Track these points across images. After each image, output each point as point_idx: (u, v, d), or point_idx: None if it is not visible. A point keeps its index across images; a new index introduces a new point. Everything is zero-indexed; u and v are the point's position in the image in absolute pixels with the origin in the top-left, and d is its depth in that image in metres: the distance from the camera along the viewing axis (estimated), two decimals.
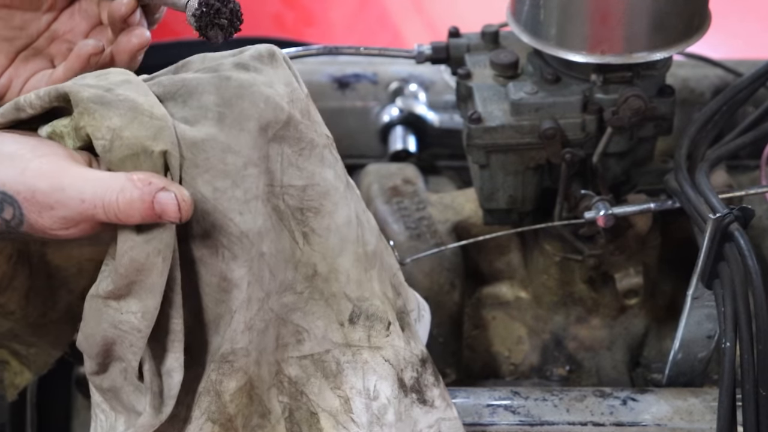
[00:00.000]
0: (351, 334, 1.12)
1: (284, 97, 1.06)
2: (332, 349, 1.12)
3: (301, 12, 2.76)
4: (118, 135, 1.00)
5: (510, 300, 1.46)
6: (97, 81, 1.03)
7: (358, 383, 1.12)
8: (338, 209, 1.10)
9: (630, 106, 1.30)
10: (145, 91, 1.03)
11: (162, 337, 1.05)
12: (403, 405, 1.14)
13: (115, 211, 0.98)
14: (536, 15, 1.29)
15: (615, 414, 1.25)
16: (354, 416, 1.11)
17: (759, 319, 1.13)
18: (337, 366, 1.12)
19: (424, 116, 1.66)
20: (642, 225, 1.39)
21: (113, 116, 1.00)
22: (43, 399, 1.53)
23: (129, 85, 1.03)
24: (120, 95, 1.01)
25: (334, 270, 1.11)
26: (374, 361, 1.13)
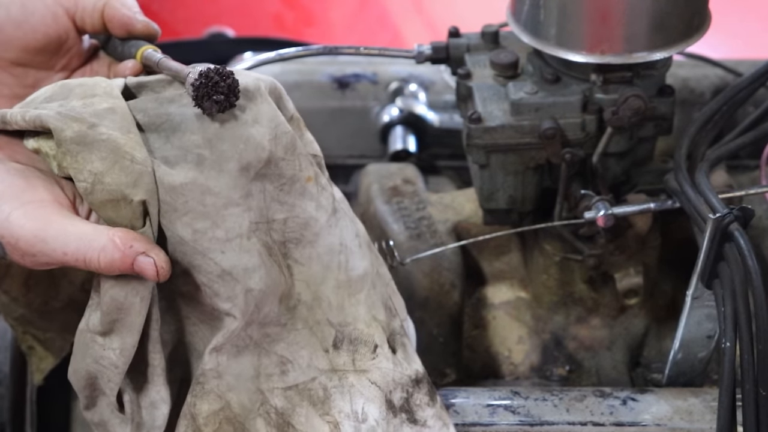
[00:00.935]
0: (336, 359, 1.14)
1: (266, 135, 1.07)
2: (318, 376, 1.13)
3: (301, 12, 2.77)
4: (99, 180, 1.02)
5: (510, 300, 1.46)
6: (81, 109, 1.05)
7: (346, 407, 1.13)
8: (319, 239, 1.12)
9: (630, 106, 1.30)
10: (128, 125, 1.05)
11: (144, 370, 1.08)
12: (392, 426, 1.15)
13: (96, 267, 1.02)
14: (536, 15, 1.29)
15: (615, 414, 1.25)
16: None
17: (759, 319, 1.13)
18: (325, 392, 1.13)
19: (424, 116, 1.66)
20: (642, 225, 1.39)
21: (95, 159, 1.03)
22: (43, 399, 1.53)
23: (113, 116, 1.05)
24: (102, 134, 1.03)
25: (317, 298, 1.13)
26: (360, 384, 1.14)
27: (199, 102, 1.05)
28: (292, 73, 1.66)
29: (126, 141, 1.04)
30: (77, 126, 1.03)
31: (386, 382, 1.15)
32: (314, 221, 1.11)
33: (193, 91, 1.06)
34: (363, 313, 1.15)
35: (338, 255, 1.13)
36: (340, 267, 1.14)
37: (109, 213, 1.03)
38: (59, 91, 1.08)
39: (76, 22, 1.19)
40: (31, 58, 1.18)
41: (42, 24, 1.17)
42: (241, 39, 2.04)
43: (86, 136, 1.03)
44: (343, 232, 1.14)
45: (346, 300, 1.14)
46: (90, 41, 1.23)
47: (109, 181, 1.02)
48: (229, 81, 1.05)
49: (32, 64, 1.19)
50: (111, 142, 1.03)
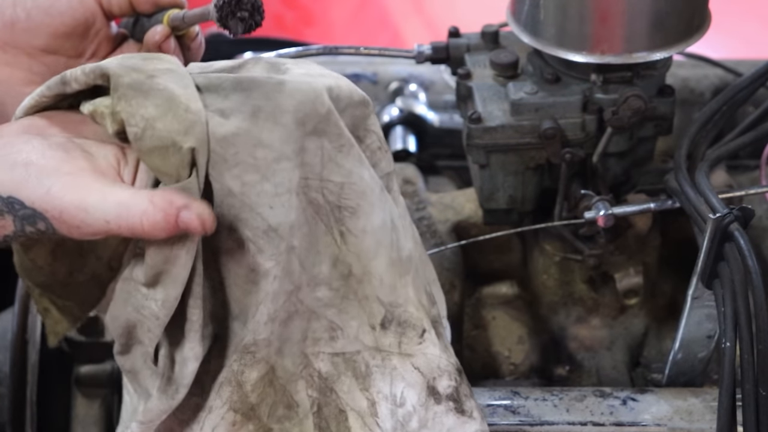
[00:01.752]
0: (382, 338, 1.12)
1: (332, 90, 1.07)
2: (363, 350, 1.12)
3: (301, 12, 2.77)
4: (151, 125, 1.01)
5: (510, 300, 1.46)
6: (142, 64, 1.05)
7: (385, 388, 1.12)
8: (374, 211, 1.10)
9: (630, 106, 1.30)
10: (187, 83, 1.04)
11: (182, 325, 1.06)
12: (432, 412, 1.13)
13: (140, 232, 1.00)
14: (536, 15, 1.29)
15: (615, 414, 1.25)
16: (379, 420, 1.11)
17: (759, 319, 1.13)
18: (366, 368, 1.12)
19: (424, 116, 1.66)
20: (642, 225, 1.39)
21: (149, 105, 1.01)
22: (43, 399, 1.54)
23: (172, 74, 1.04)
24: (159, 84, 1.02)
25: (367, 273, 1.10)
26: (403, 367, 1.12)
27: (224, 22, 1.06)
28: None
29: (182, 93, 1.03)
30: (136, 75, 1.03)
31: (430, 369, 1.13)
32: (370, 192, 1.09)
33: (217, 11, 1.06)
34: (412, 296, 1.13)
35: (390, 232, 1.11)
36: (392, 245, 1.12)
37: (156, 161, 1.01)
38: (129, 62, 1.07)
39: (102, 4, 1.20)
40: (61, 44, 1.19)
41: (69, 8, 1.17)
42: (241, 39, 2.03)
43: (143, 83, 1.02)
44: (392, 209, 1.13)
45: (397, 280, 1.12)
46: (118, 30, 1.23)
47: (160, 126, 1.01)
48: (252, 0, 1.06)
49: (62, 51, 1.19)
50: (167, 91, 1.02)
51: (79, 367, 1.55)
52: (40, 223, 1.03)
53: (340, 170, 1.08)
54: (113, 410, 1.56)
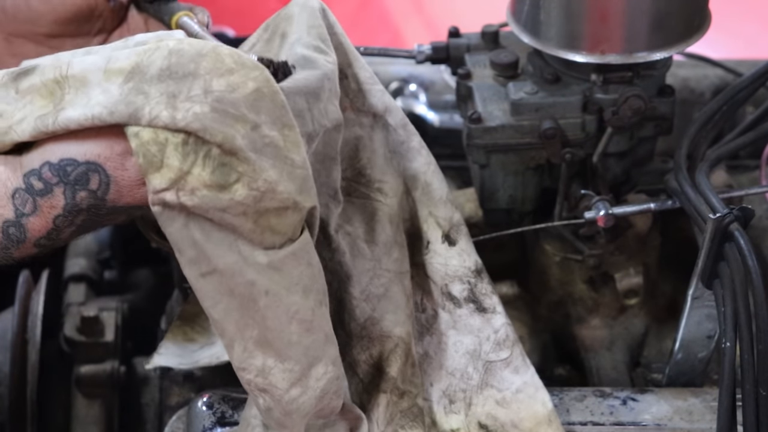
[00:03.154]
0: (403, 253, 1.21)
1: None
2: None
3: None
4: (273, 189, 1.01)
5: (510, 300, 1.46)
6: (228, 91, 1.00)
7: (414, 297, 1.21)
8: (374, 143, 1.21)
9: (630, 106, 1.30)
10: (280, 113, 1.02)
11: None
12: (456, 315, 1.22)
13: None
14: (536, 15, 1.29)
15: (615, 414, 1.25)
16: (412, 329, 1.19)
17: (759, 319, 1.13)
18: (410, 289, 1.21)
19: (424, 116, 1.66)
20: (642, 225, 1.39)
21: (268, 168, 1.01)
22: (43, 399, 1.54)
23: (264, 103, 1.01)
24: (266, 138, 1.01)
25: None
26: (419, 276, 1.22)
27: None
28: None
29: (284, 142, 1.02)
30: (242, 128, 1.00)
31: (441, 276, 1.22)
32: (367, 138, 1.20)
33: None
34: (418, 209, 1.21)
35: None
36: (396, 170, 1.20)
37: (272, 220, 1.02)
38: (179, 63, 1.01)
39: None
40: (65, 29, 1.18)
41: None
42: (241, 39, 2.03)
43: (256, 141, 1.00)
44: (388, 138, 1.21)
45: (402, 198, 1.20)
46: (115, 2, 1.22)
47: (282, 189, 1.01)
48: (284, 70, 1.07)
49: (67, 34, 1.19)
50: (274, 146, 1.01)
51: (79, 367, 1.55)
52: (93, 179, 1.01)
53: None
54: (113, 410, 1.56)
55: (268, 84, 1.01)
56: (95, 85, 1.02)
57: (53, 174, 1.02)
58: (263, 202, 1.01)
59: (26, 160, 1.04)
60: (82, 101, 1.02)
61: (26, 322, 1.55)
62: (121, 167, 1.02)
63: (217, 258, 1.02)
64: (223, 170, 1.00)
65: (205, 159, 1.00)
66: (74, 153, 1.02)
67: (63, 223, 1.04)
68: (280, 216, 1.02)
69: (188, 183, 1.00)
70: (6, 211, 1.03)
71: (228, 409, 1.21)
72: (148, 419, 1.56)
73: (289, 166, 1.01)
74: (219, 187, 1.00)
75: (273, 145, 1.01)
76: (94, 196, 1.02)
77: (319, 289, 1.06)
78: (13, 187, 1.03)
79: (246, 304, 1.03)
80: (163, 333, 1.48)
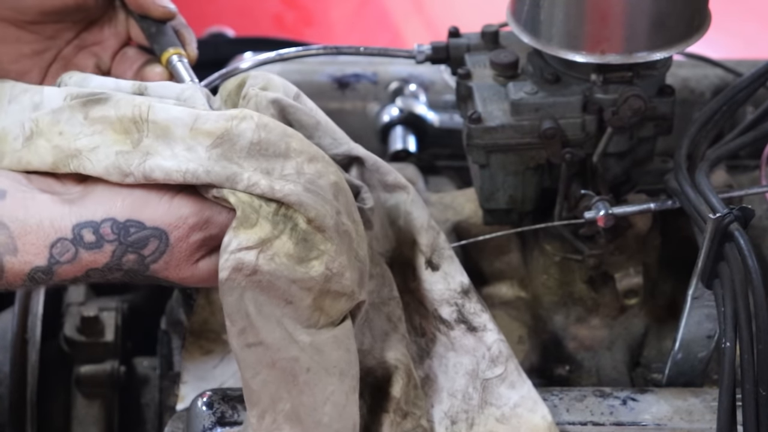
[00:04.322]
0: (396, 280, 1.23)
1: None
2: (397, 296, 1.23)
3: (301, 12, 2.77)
4: (342, 273, 1.05)
5: (510, 300, 1.46)
6: (316, 176, 1.05)
7: (411, 322, 1.22)
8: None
9: (630, 106, 1.30)
10: (351, 208, 1.08)
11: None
12: (452, 337, 1.22)
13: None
14: (536, 15, 1.29)
15: (615, 414, 1.25)
16: (410, 352, 1.19)
17: (759, 319, 1.13)
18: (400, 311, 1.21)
19: (424, 116, 1.66)
20: (642, 225, 1.39)
21: (344, 252, 1.05)
22: (43, 399, 1.53)
23: (342, 196, 1.07)
24: (344, 225, 1.06)
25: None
26: (413, 302, 1.23)
27: None
28: (292, 73, 1.66)
29: (355, 234, 1.07)
30: (331, 210, 1.04)
31: (429, 301, 1.22)
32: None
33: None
34: (403, 239, 1.22)
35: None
36: (375, 204, 1.19)
37: (327, 302, 1.05)
38: (269, 140, 1.05)
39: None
40: (49, 18, 1.18)
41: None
42: (241, 39, 2.04)
43: (339, 225, 1.05)
44: (363, 175, 1.21)
45: (387, 229, 1.21)
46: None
47: (348, 276, 1.05)
48: None
49: (50, 21, 1.18)
50: (348, 234, 1.06)
51: (79, 367, 1.55)
52: (151, 243, 1.02)
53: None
54: (113, 410, 1.56)
55: (342, 180, 1.08)
56: (179, 140, 1.03)
57: (113, 231, 1.01)
58: (331, 283, 1.05)
59: (82, 208, 1.02)
60: (165, 152, 1.03)
61: (26, 322, 1.55)
62: (185, 238, 1.03)
63: (266, 332, 1.05)
64: (306, 245, 1.04)
65: (292, 231, 1.04)
66: (145, 216, 1.01)
67: (95, 275, 1.03)
68: (336, 300, 1.05)
69: (273, 247, 1.03)
70: (39, 259, 1.00)
71: (228, 409, 1.21)
72: (148, 419, 1.56)
73: (354, 257, 1.06)
74: (299, 259, 1.04)
75: (348, 234, 1.06)
76: (141, 261, 1.03)
77: (354, 375, 1.08)
78: (57, 236, 1.01)
79: (285, 378, 1.06)
80: (164, 333, 1.48)
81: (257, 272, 1.03)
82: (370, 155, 1.20)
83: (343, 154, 1.17)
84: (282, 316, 1.05)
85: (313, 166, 1.05)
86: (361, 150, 1.19)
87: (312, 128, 1.15)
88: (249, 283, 1.03)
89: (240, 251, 1.03)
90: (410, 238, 1.23)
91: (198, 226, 1.03)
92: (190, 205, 1.03)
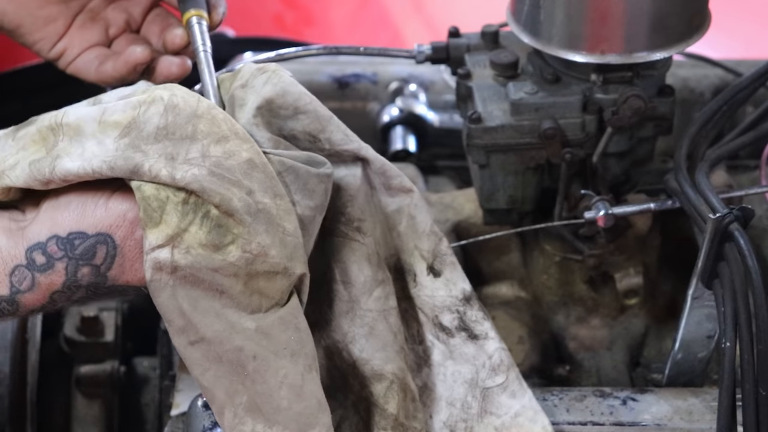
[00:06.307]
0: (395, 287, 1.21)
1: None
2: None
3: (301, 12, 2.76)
4: (265, 252, 1.03)
5: (510, 300, 1.46)
6: (224, 158, 1.03)
7: (409, 330, 1.21)
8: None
9: (630, 106, 1.30)
10: (272, 184, 1.05)
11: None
12: (451, 346, 1.21)
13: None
14: (536, 15, 1.29)
15: (615, 414, 1.25)
16: (407, 362, 1.18)
17: (759, 319, 1.13)
18: (399, 321, 1.20)
19: (424, 116, 1.66)
20: (642, 225, 1.39)
21: (261, 232, 1.03)
22: (43, 399, 1.54)
23: (257, 174, 1.04)
24: (259, 203, 1.04)
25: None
26: (412, 309, 1.22)
27: None
28: (292, 73, 1.66)
29: (276, 210, 1.04)
30: (239, 192, 1.03)
31: (430, 308, 1.21)
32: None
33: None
34: (403, 244, 1.21)
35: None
36: (377, 208, 1.19)
37: (261, 283, 1.04)
38: (176, 123, 1.04)
39: None
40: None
41: None
42: (241, 39, 2.04)
43: (250, 206, 1.03)
44: (369, 178, 1.20)
45: (387, 234, 1.20)
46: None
47: (273, 254, 1.03)
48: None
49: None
50: (266, 212, 1.04)
51: (79, 367, 1.55)
52: (99, 251, 1.02)
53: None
54: (113, 410, 1.56)
55: (259, 155, 1.05)
56: (89, 136, 1.03)
57: (59, 248, 1.02)
58: (255, 265, 1.03)
59: (31, 232, 1.03)
60: (76, 151, 1.03)
61: (26, 322, 1.55)
62: (130, 235, 1.03)
63: (205, 326, 1.04)
64: (219, 231, 1.02)
65: (203, 219, 1.03)
66: (85, 225, 1.02)
67: (60, 298, 1.04)
68: (269, 280, 1.04)
69: (184, 241, 1.02)
70: (1, 288, 1.02)
71: None
72: (148, 419, 1.56)
73: (281, 233, 1.04)
74: (213, 247, 1.02)
75: (266, 212, 1.04)
76: (97, 272, 1.03)
77: (308, 353, 1.06)
78: (13, 264, 1.02)
79: (235, 369, 1.05)
80: (164, 333, 1.48)
81: (177, 268, 1.02)
82: (378, 157, 1.20)
83: (352, 151, 1.17)
84: (221, 308, 1.04)
85: (220, 147, 1.03)
86: (370, 151, 1.19)
87: (326, 121, 1.15)
88: (175, 280, 1.03)
89: (153, 251, 1.02)
90: (411, 243, 1.22)
91: (138, 219, 1.03)
92: (126, 200, 1.03)
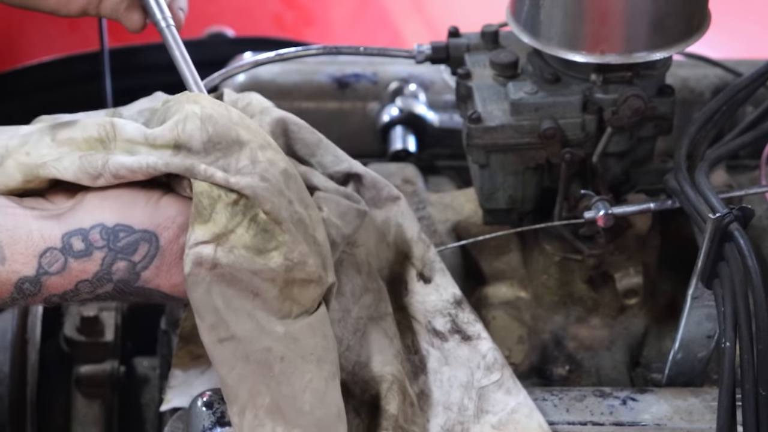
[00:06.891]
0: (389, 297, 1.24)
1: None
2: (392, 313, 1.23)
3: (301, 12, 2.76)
4: (304, 261, 1.05)
5: (510, 300, 1.46)
6: (269, 165, 1.06)
7: (404, 341, 1.22)
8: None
9: (630, 105, 1.30)
10: (302, 193, 1.08)
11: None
12: (445, 350, 1.22)
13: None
14: (536, 15, 1.29)
15: (615, 414, 1.25)
16: (404, 370, 1.19)
17: (759, 319, 1.13)
18: (395, 328, 1.22)
19: (424, 116, 1.66)
20: (642, 225, 1.39)
21: (302, 241, 1.06)
22: (43, 399, 1.54)
23: (292, 183, 1.07)
24: (297, 213, 1.07)
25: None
26: (405, 320, 1.24)
27: None
28: (292, 73, 1.66)
29: (310, 220, 1.07)
30: (284, 202, 1.05)
31: (423, 313, 1.23)
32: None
33: None
34: (393, 254, 1.23)
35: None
36: (370, 220, 1.21)
37: (295, 290, 1.05)
38: (218, 132, 1.06)
39: None
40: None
41: None
42: (241, 39, 2.04)
43: (293, 215, 1.06)
44: (359, 190, 1.23)
45: (379, 246, 1.22)
46: None
47: (311, 263, 1.06)
48: None
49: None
50: (303, 222, 1.07)
51: (79, 367, 1.55)
52: (141, 248, 1.02)
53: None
54: (113, 410, 1.56)
55: (291, 165, 1.08)
56: (144, 154, 1.06)
57: (102, 237, 1.02)
58: (293, 272, 1.05)
59: (72, 218, 1.03)
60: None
61: (26, 322, 1.55)
62: (175, 239, 1.05)
63: (236, 325, 1.05)
64: (264, 236, 1.04)
65: (251, 222, 1.04)
66: (133, 220, 1.02)
67: (84, 289, 1.04)
68: (304, 288, 1.06)
69: (229, 241, 1.04)
70: (27, 269, 1.01)
71: (228, 409, 1.21)
72: (148, 419, 1.56)
73: (313, 243, 1.07)
74: (257, 250, 1.04)
75: (302, 222, 1.07)
76: (132, 269, 1.03)
77: (332, 361, 1.08)
78: (45, 246, 1.02)
79: (261, 370, 1.06)
80: (164, 333, 1.48)
81: (218, 265, 1.03)
82: (368, 172, 1.22)
83: (344, 171, 1.20)
84: (253, 309, 1.05)
85: (265, 153, 1.06)
86: (360, 167, 1.22)
87: (314, 146, 1.18)
88: (213, 276, 1.04)
89: (198, 245, 1.03)
90: (401, 252, 1.24)
91: (186, 225, 1.03)
92: (177, 204, 1.05)
